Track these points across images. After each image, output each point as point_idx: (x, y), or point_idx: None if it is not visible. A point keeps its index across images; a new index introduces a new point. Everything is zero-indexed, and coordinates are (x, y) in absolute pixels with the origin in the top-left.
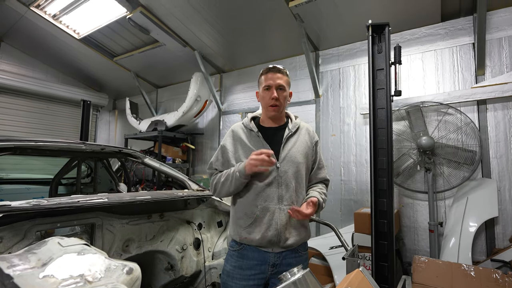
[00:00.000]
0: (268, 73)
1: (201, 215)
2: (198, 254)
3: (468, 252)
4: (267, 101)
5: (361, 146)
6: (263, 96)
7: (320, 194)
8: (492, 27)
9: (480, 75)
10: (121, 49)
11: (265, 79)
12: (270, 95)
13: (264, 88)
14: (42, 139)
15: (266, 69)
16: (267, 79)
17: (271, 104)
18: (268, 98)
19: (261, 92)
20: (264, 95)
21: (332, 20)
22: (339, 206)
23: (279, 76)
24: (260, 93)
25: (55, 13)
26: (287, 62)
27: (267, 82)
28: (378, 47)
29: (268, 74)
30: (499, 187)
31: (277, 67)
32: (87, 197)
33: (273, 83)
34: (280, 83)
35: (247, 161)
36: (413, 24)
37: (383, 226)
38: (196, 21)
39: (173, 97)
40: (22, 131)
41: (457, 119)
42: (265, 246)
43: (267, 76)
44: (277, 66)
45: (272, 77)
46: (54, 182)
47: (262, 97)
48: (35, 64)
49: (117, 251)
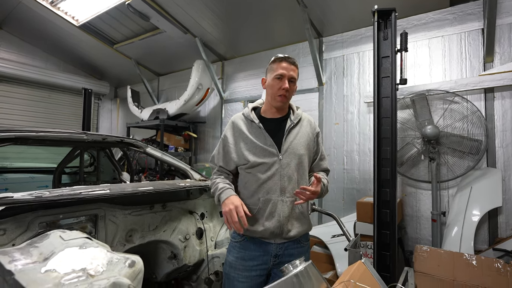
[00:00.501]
0: (282, 62)
1: (203, 205)
2: (201, 243)
3: (470, 241)
4: (276, 90)
5: (364, 135)
6: (272, 85)
7: (323, 177)
8: (502, 12)
9: (488, 62)
10: (121, 36)
11: (278, 68)
12: (282, 85)
13: (276, 76)
14: (44, 129)
15: (280, 57)
16: (281, 68)
17: (280, 94)
18: (278, 88)
19: (270, 80)
20: (273, 84)
21: (337, 5)
22: (341, 195)
23: (293, 68)
24: (268, 81)
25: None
26: (290, 49)
27: (280, 71)
28: (384, 34)
29: (282, 63)
30: (504, 177)
31: (292, 58)
32: (89, 189)
33: (286, 74)
34: (293, 75)
35: (225, 204)
36: (420, 9)
37: (386, 216)
38: (196, 7)
39: (174, 85)
40: (23, 120)
41: (464, 108)
42: (267, 237)
43: (280, 64)
44: (292, 58)
45: (287, 67)
46: (57, 171)
47: (271, 85)
48: (35, 52)
49: (120, 241)
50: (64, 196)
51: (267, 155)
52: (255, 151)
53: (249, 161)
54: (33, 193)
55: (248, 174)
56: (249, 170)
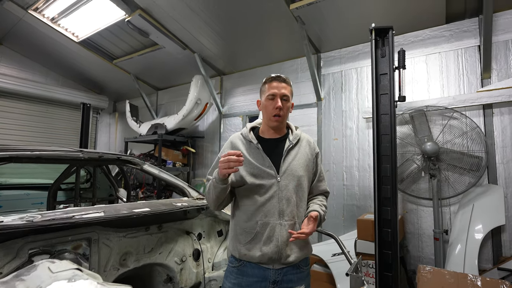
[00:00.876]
0: (272, 81)
1: (200, 225)
2: (198, 265)
3: (474, 260)
4: (270, 110)
5: (364, 150)
6: (266, 105)
7: (320, 206)
8: (498, 29)
9: (486, 79)
10: (121, 52)
11: (269, 88)
12: (274, 104)
13: (268, 97)
14: (40, 146)
15: (270, 77)
16: (272, 88)
17: (274, 114)
18: (272, 108)
19: (263, 101)
20: (267, 104)
21: (334, 22)
22: (341, 211)
23: (284, 86)
24: (262, 102)
25: (53, 16)
26: (288, 65)
27: (271, 91)
28: (381, 51)
29: (273, 83)
30: (506, 194)
31: (282, 76)
32: (83, 211)
33: (277, 92)
34: (284, 93)
35: (220, 167)
36: (417, 26)
37: (387, 235)
38: (195, 24)
39: (173, 100)
40: (21, 135)
41: (463, 124)
42: (265, 262)
43: (271, 84)
44: (282, 76)
45: (277, 86)
46: (52, 189)
47: (265, 106)
48: (35, 67)
49: (114, 266)
50: (56, 221)
51: (265, 177)
52: (253, 172)
53: (247, 183)
54: (24, 216)
55: (245, 196)
56: (246, 192)
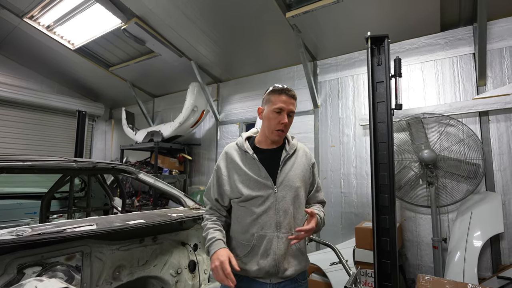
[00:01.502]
0: (281, 94)
1: (196, 235)
2: (194, 277)
3: (474, 269)
4: (274, 124)
5: (361, 158)
6: (271, 118)
7: (319, 210)
8: (492, 37)
9: (481, 86)
10: (117, 59)
11: (278, 101)
12: (280, 119)
13: (275, 110)
14: (32, 156)
15: (280, 89)
16: (280, 102)
17: (278, 129)
18: (277, 122)
19: (268, 112)
20: (272, 117)
21: (330, 30)
22: (339, 219)
23: (292, 102)
24: (266, 112)
25: (49, 24)
26: (284, 72)
27: (279, 105)
28: (377, 59)
29: (282, 96)
30: (504, 201)
31: (292, 91)
32: (74, 224)
33: (286, 108)
34: (292, 109)
35: (213, 260)
36: (412, 34)
37: (386, 244)
38: (191, 32)
39: (170, 107)
40: (16, 143)
41: (459, 131)
42: (262, 277)
43: (280, 97)
44: (292, 90)
45: (286, 101)
46: (46, 199)
47: (269, 118)
48: (30, 74)
49: (106, 280)
50: (46, 235)
51: (261, 188)
52: (249, 183)
53: (243, 195)
54: (13, 231)
55: (241, 208)
56: (242, 203)
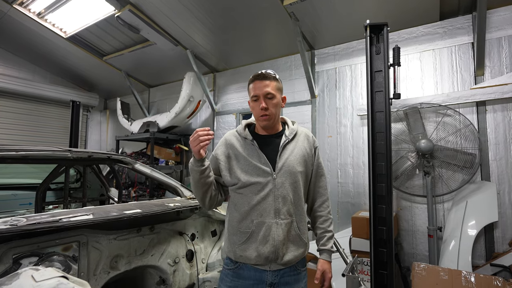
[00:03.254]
0: (254, 81)
1: (194, 225)
2: (191, 266)
3: (468, 257)
4: (257, 111)
5: (358, 148)
6: (253, 107)
7: (327, 241)
8: (491, 26)
9: (479, 76)
10: (111, 48)
11: (251, 89)
12: (259, 105)
13: (252, 99)
14: (26, 146)
15: (253, 77)
16: (254, 89)
17: (261, 115)
18: (258, 109)
19: (250, 103)
20: (253, 106)
21: (328, 19)
22: (336, 208)
23: (266, 84)
24: (250, 103)
25: (40, 11)
26: (282, 61)
27: (254, 92)
28: (376, 48)
29: (255, 83)
30: (499, 190)
31: (263, 73)
32: (70, 214)
33: (260, 93)
34: (267, 91)
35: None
36: (411, 23)
37: (382, 233)
38: (187, 20)
39: (165, 97)
40: (9, 133)
41: (456, 121)
42: (262, 264)
43: (253, 85)
44: (264, 73)
45: (259, 86)
46: (40, 190)
47: (252, 108)
48: (21, 63)
49: (104, 269)
50: (41, 225)
51: (260, 174)
52: (247, 169)
53: (241, 181)
54: (8, 220)
55: (239, 195)
56: (240, 190)
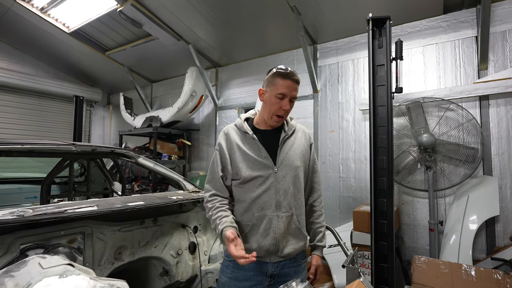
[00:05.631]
0: (286, 79)
1: (196, 218)
2: (194, 258)
3: (468, 251)
4: (275, 109)
5: (360, 142)
6: (272, 102)
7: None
8: (495, 20)
9: (482, 70)
10: (114, 43)
11: (281, 85)
12: (282, 105)
13: (278, 95)
14: (32, 139)
15: (285, 73)
16: (284, 87)
17: (279, 114)
18: (278, 107)
19: (270, 96)
20: (273, 101)
21: (331, 13)
22: (337, 203)
23: (295, 87)
24: (267, 96)
25: (42, 6)
26: (284, 56)
27: (283, 90)
28: (378, 42)
29: (287, 81)
30: (501, 185)
31: (296, 76)
32: (75, 205)
33: (289, 94)
34: (295, 95)
35: (228, 243)
36: (414, 17)
37: (383, 227)
38: (189, 14)
39: (168, 92)
40: (13, 128)
41: (459, 115)
42: (262, 255)
43: (285, 82)
44: (296, 75)
45: (290, 86)
46: (45, 183)
47: (270, 102)
48: (25, 58)
49: (108, 260)
50: (47, 215)
51: (262, 168)
52: (249, 163)
53: (242, 175)
54: (15, 211)
55: (241, 189)
56: (242, 184)
